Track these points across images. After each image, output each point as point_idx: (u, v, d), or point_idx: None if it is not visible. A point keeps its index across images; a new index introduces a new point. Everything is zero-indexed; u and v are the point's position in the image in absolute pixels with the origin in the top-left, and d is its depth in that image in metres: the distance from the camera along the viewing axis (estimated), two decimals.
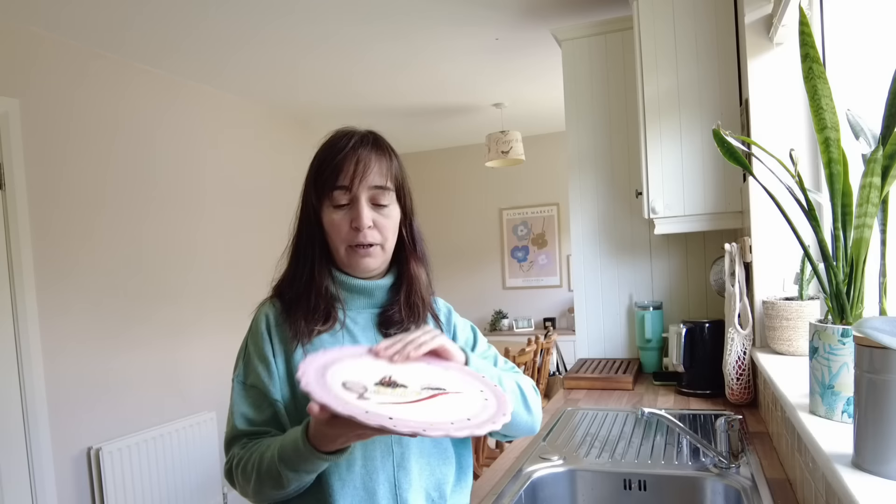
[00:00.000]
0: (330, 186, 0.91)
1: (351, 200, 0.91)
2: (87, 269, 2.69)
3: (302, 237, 0.96)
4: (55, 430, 2.51)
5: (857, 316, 0.88)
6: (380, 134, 0.99)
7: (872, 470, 0.69)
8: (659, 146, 1.93)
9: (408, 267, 0.99)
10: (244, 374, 0.91)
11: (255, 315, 0.95)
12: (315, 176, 0.94)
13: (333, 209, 0.92)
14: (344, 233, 0.91)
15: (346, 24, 2.71)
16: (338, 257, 0.94)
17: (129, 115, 2.95)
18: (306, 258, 0.94)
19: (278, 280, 0.98)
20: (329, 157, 0.92)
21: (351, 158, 0.91)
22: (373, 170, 0.91)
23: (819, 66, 0.87)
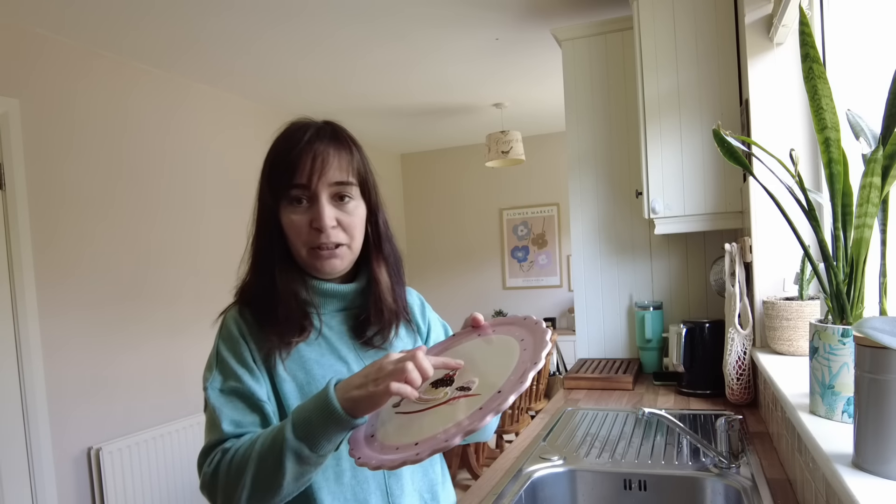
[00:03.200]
0: (286, 185, 0.84)
1: (310, 199, 0.85)
2: (87, 268, 2.69)
3: (261, 241, 0.89)
4: (55, 430, 2.51)
5: (857, 316, 0.88)
6: (339, 124, 0.92)
7: (872, 470, 0.69)
8: (659, 146, 1.93)
9: (371, 268, 0.93)
10: (221, 380, 0.83)
11: (225, 321, 0.88)
12: (269, 174, 0.87)
13: (291, 209, 0.85)
14: (304, 234, 0.85)
15: (347, 25, 2.71)
16: (299, 259, 0.88)
17: (129, 116, 2.95)
18: (268, 264, 0.87)
19: (240, 287, 0.91)
20: (283, 153, 0.85)
21: (307, 153, 0.84)
22: (332, 165, 0.85)
23: (819, 66, 0.87)
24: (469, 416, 0.67)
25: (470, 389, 0.73)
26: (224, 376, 0.84)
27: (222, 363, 0.84)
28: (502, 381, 0.71)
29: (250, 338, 0.85)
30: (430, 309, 1.08)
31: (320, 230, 0.84)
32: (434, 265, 5.76)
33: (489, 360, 0.78)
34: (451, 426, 0.68)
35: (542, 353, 0.72)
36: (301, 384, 0.85)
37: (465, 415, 0.68)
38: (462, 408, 0.70)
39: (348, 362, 0.89)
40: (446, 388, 0.75)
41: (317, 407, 0.72)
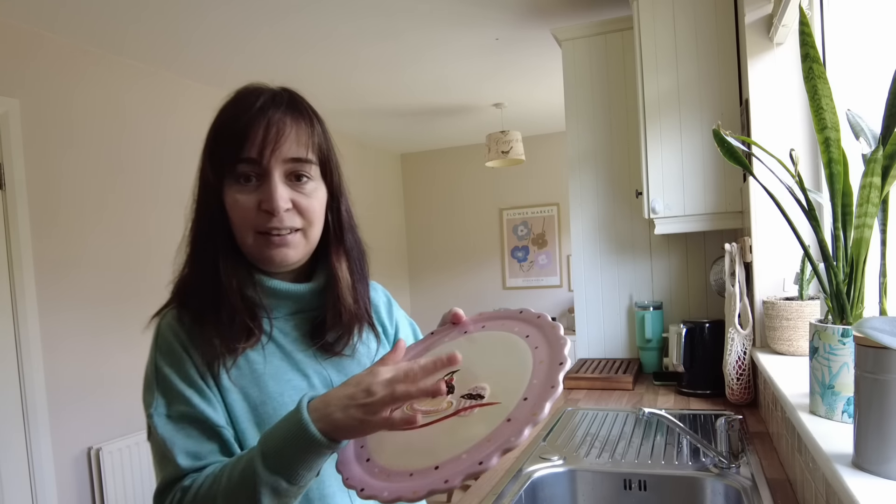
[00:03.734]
0: (232, 158, 0.72)
1: (260, 176, 0.72)
2: (86, 267, 2.69)
3: (200, 226, 0.76)
4: (55, 430, 2.51)
5: (857, 316, 0.88)
6: (298, 92, 0.79)
7: (872, 470, 0.69)
8: (659, 146, 1.93)
9: (330, 264, 0.81)
10: (167, 406, 0.70)
11: (159, 330, 0.75)
12: (212, 146, 0.74)
13: (238, 188, 0.72)
14: (251, 217, 0.72)
15: (346, 24, 2.71)
16: (245, 248, 0.75)
17: (127, 114, 2.95)
18: (208, 254, 0.74)
19: (177, 283, 0.78)
20: (230, 122, 0.72)
21: (259, 122, 0.71)
22: (289, 137, 0.72)
23: (819, 66, 0.87)
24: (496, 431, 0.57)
25: (482, 397, 0.63)
26: (169, 400, 0.71)
27: (165, 383, 0.71)
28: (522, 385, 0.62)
29: (193, 348, 0.72)
30: (398, 306, 0.96)
31: (271, 212, 0.72)
32: (434, 265, 5.76)
33: (491, 361, 0.68)
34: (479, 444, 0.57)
35: (564, 351, 0.63)
36: (254, 403, 0.73)
37: (490, 428, 0.58)
38: (479, 420, 0.60)
39: (308, 375, 0.78)
40: (448, 397, 0.65)
41: (290, 434, 0.61)
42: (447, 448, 0.59)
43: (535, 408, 0.57)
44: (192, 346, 0.72)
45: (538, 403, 0.58)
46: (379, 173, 5.53)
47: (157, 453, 0.71)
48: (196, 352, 0.72)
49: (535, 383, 0.61)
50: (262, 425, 0.72)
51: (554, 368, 0.61)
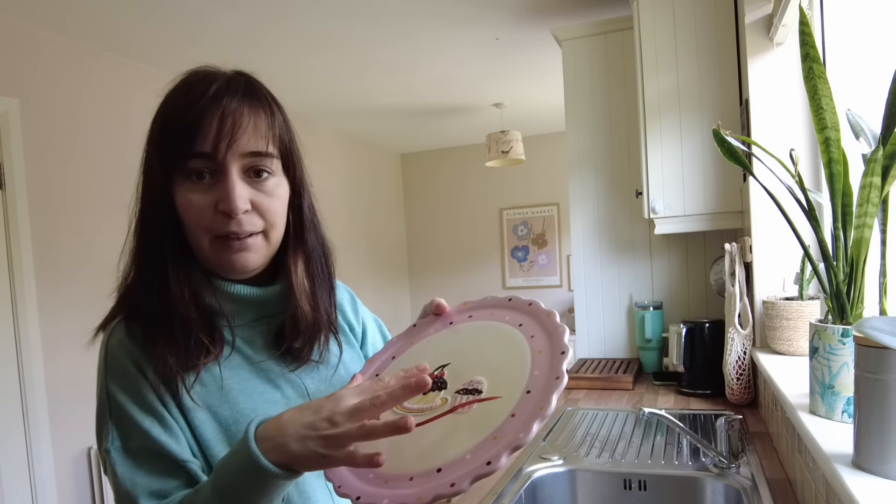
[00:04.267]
0: (183, 153, 0.63)
1: (215, 173, 0.64)
2: (87, 268, 2.69)
3: (146, 228, 0.67)
4: (55, 430, 2.51)
5: (857, 316, 0.88)
6: (254, 77, 0.73)
7: (872, 470, 0.69)
8: (659, 146, 1.93)
9: (288, 266, 0.73)
10: (122, 438, 0.62)
11: (108, 349, 0.66)
12: (159, 138, 0.66)
13: (190, 186, 0.64)
14: (207, 220, 0.64)
15: (347, 25, 2.71)
16: (201, 253, 0.67)
17: (129, 115, 2.95)
18: (156, 259, 0.66)
19: (122, 290, 0.70)
20: (180, 111, 0.64)
21: (213, 112, 0.63)
22: (247, 129, 0.65)
23: (819, 66, 0.87)
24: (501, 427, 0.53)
25: (480, 392, 0.58)
26: (125, 432, 0.62)
27: (119, 413, 0.63)
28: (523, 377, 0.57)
29: (148, 365, 0.64)
30: (362, 304, 0.90)
31: (229, 214, 0.64)
32: (434, 265, 5.77)
33: (485, 353, 0.63)
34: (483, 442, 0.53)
35: (564, 339, 0.59)
36: (226, 423, 0.66)
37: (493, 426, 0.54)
38: (480, 416, 0.56)
39: (280, 386, 0.71)
40: (441, 393, 0.60)
41: (242, 468, 0.55)
42: (449, 448, 0.55)
43: (541, 401, 0.53)
44: (148, 364, 0.64)
45: (544, 396, 0.54)
46: (379, 173, 5.53)
47: (115, 492, 0.63)
48: (152, 370, 0.64)
49: (537, 375, 0.57)
50: None
51: (556, 358, 0.57)
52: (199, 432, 0.65)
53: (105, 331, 0.69)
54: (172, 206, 0.65)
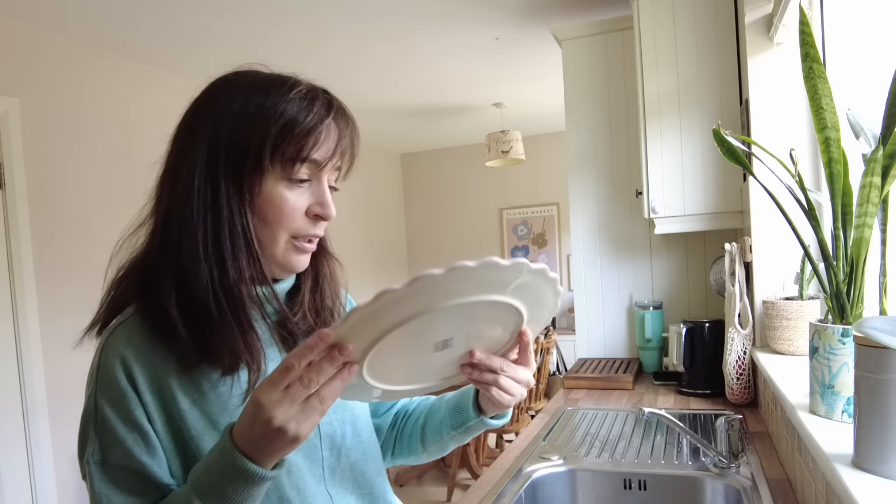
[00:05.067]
0: (298, 157, 0.65)
1: (312, 179, 0.68)
2: (87, 268, 2.69)
3: (225, 219, 0.64)
4: (55, 429, 2.51)
5: (857, 316, 0.88)
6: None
7: (872, 470, 0.69)
8: (659, 146, 1.93)
9: (321, 263, 0.77)
10: (102, 452, 0.62)
11: (103, 357, 0.64)
12: (278, 134, 0.65)
13: (287, 185, 0.66)
14: (297, 220, 0.67)
15: (347, 24, 2.71)
16: (269, 249, 0.67)
17: (129, 115, 2.95)
18: (238, 253, 0.64)
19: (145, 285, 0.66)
20: (306, 120, 0.66)
21: (333, 131, 0.68)
22: (347, 149, 0.72)
23: (819, 66, 0.87)
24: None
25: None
26: (106, 446, 0.62)
27: (103, 426, 0.62)
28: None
29: (144, 376, 0.63)
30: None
31: (324, 219, 0.69)
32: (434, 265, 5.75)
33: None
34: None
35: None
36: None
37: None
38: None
39: None
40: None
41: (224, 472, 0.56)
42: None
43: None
44: (144, 373, 0.63)
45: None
46: (379, 173, 5.53)
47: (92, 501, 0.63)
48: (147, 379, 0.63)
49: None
50: None
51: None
52: (195, 443, 0.64)
53: (104, 332, 0.67)
54: (251, 200, 0.65)
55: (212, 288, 0.63)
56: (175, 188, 0.67)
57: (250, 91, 0.68)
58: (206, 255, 0.63)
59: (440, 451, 0.88)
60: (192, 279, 0.63)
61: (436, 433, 0.85)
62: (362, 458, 0.79)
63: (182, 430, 0.64)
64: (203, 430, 0.64)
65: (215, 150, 0.65)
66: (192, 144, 0.67)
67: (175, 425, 0.64)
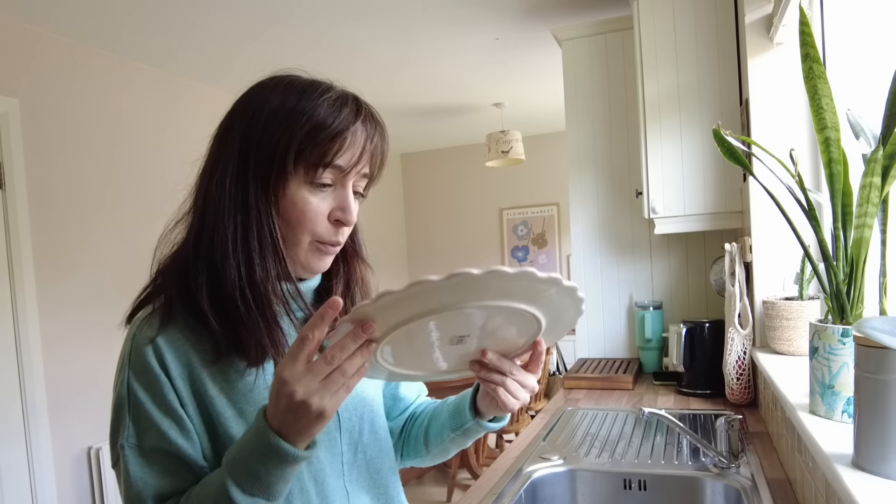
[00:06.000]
0: (322, 162, 0.66)
1: (336, 184, 0.69)
2: (87, 267, 2.69)
3: (252, 217, 0.66)
4: (55, 429, 2.51)
5: (857, 316, 0.88)
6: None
7: (872, 470, 0.69)
8: (659, 146, 1.93)
9: (353, 267, 0.80)
10: (138, 437, 0.64)
11: (135, 343, 0.66)
12: (304, 139, 0.66)
13: (311, 189, 0.67)
14: (319, 224, 0.68)
15: (347, 23, 2.71)
16: (292, 251, 0.69)
17: (128, 114, 2.95)
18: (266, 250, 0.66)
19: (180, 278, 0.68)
20: (333, 125, 0.67)
21: (360, 138, 0.69)
22: (374, 156, 0.71)
23: (819, 66, 0.87)
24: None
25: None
26: (142, 430, 0.64)
27: (138, 410, 0.64)
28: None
29: (175, 365, 0.65)
30: None
31: (346, 224, 0.70)
32: (434, 265, 5.76)
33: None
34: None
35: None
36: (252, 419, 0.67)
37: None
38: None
39: None
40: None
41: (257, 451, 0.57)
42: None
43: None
44: (177, 360, 0.65)
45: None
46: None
47: (124, 489, 0.64)
48: (180, 367, 0.65)
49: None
50: None
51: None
52: (223, 429, 0.65)
53: (135, 319, 0.69)
54: (276, 201, 0.67)
55: (239, 284, 0.65)
56: (209, 187, 0.69)
57: (283, 95, 0.69)
58: (236, 252, 0.65)
59: (443, 454, 0.88)
60: (222, 275, 0.65)
61: (438, 435, 0.85)
62: (378, 455, 0.80)
63: (212, 416, 0.66)
64: (230, 418, 0.66)
65: (246, 151, 0.67)
66: (225, 145, 0.69)
67: (205, 411, 0.66)
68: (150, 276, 0.72)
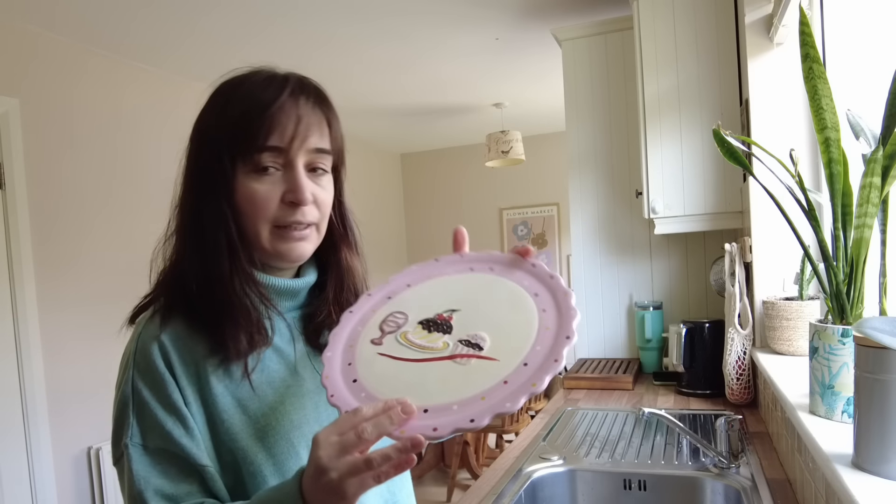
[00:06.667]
0: (255, 147, 0.66)
1: (283, 167, 0.68)
2: (87, 268, 2.69)
3: (206, 218, 0.68)
4: (55, 429, 2.51)
5: (857, 316, 0.88)
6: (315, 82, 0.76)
7: (872, 470, 0.69)
8: (659, 146, 1.93)
9: (339, 256, 0.79)
10: (142, 436, 0.64)
11: (140, 342, 0.67)
12: (231, 131, 0.67)
13: (255, 177, 0.67)
14: (272, 209, 0.68)
15: (346, 24, 2.71)
16: (257, 242, 0.69)
17: (128, 115, 2.95)
18: (215, 248, 0.68)
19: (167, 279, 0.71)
20: (255, 108, 0.67)
21: (291, 110, 0.68)
22: (315, 128, 0.70)
23: (819, 66, 0.87)
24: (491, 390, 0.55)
25: (481, 348, 0.60)
26: (146, 429, 0.64)
27: (143, 409, 0.64)
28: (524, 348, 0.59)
29: (179, 361, 0.66)
30: None
31: (299, 204, 0.68)
32: None
33: (495, 312, 0.64)
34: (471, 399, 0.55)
35: (572, 324, 0.60)
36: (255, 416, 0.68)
37: (485, 386, 0.56)
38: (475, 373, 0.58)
39: (303, 377, 0.74)
40: (445, 336, 0.62)
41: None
42: (438, 392, 0.57)
43: (534, 378, 0.55)
44: (179, 358, 0.66)
45: (538, 374, 0.55)
46: (379, 173, 5.53)
47: (127, 487, 0.64)
48: (182, 364, 0.66)
49: (538, 350, 0.58)
50: (265, 438, 0.67)
51: (560, 341, 0.58)
52: (225, 427, 0.66)
53: (138, 320, 0.70)
54: (231, 196, 0.68)
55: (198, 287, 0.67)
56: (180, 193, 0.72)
57: (219, 94, 0.72)
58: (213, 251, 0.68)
59: None
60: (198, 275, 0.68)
61: None
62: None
63: (214, 415, 0.66)
64: (233, 415, 0.66)
65: (194, 163, 0.71)
66: (186, 154, 0.72)
67: (208, 409, 0.66)
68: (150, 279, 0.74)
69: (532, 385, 0.55)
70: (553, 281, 0.65)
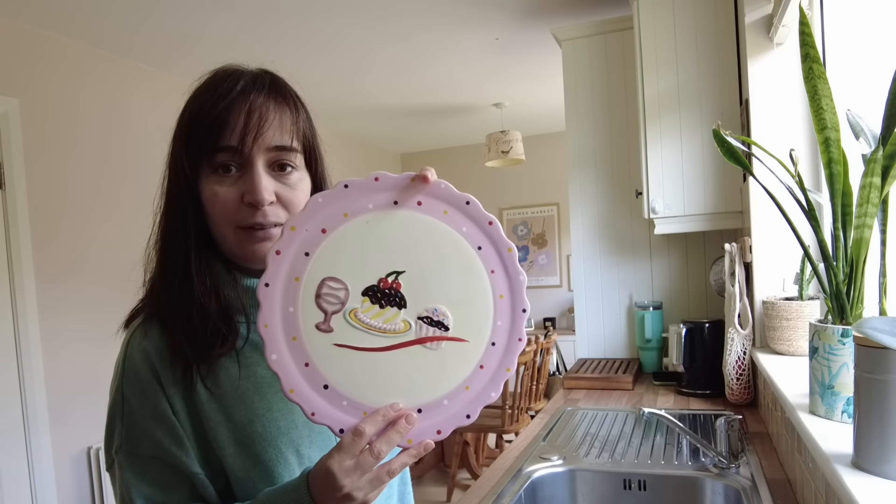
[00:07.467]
0: (209, 147, 0.65)
1: (241, 166, 0.66)
2: (87, 268, 2.69)
3: (172, 222, 0.69)
4: (55, 429, 2.51)
5: (857, 316, 0.88)
6: (278, 74, 0.74)
7: (872, 470, 0.69)
8: (659, 146, 1.93)
9: None
10: (131, 443, 0.64)
11: (127, 352, 0.67)
12: (187, 133, 0.66)
13: (216, 179, 0.66)
14: (232, 211, 0.66)
15: (347, 25, 2.71)
16: (224, 245, 0.68)
17: (129, 115, 2.95)
18: (178, 250, 0.67)
19: (148, 288, 0.71)
20: (207, 107, 0.65)
21: (240, 107, 0.65)
22: (272, 123, 0.66)
23: (819, 66, 0.87)
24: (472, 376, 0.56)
25: (447, 328, 0.57)
26: (135, 436, 0.64)
27: (131, 417, 0.64)
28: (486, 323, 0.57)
29: (165, 367, 0.65)
30: None
31: (255, 205, 0.65)
32: None
33: (445, 271, 0.58)
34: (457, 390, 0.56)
35: (524, 294, 0.59)
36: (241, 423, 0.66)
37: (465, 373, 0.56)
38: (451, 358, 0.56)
39: None
40: (402, 314, 0.57)
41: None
42: (424, 387, 0.55)
43: (505, 360, 0.57)
44: (164, 364, 0.65)
45: (508, 357, 0.57)
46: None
47: (119, 495, 0.64)
48: (168, 370, 0.64)
49: (499, 325, 0.57)
50: (251, 446, 0.66)
51: (518, 316, 0.58)
52: (212, 434, 0.65)
53: (129, 327, 0.70)
54: (198, 198, 0.67)
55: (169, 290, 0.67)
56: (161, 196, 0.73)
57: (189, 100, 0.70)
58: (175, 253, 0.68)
59: None
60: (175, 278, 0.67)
61: None
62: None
63: (202, 422, 0.65)
64: (219, 422, 0.65)
65: (168, 159, 0.71)
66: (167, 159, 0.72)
67: (195, 416, 0.65)
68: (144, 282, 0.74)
69: (507, 370, 0.57)
70: (492, 229, 0.61)
